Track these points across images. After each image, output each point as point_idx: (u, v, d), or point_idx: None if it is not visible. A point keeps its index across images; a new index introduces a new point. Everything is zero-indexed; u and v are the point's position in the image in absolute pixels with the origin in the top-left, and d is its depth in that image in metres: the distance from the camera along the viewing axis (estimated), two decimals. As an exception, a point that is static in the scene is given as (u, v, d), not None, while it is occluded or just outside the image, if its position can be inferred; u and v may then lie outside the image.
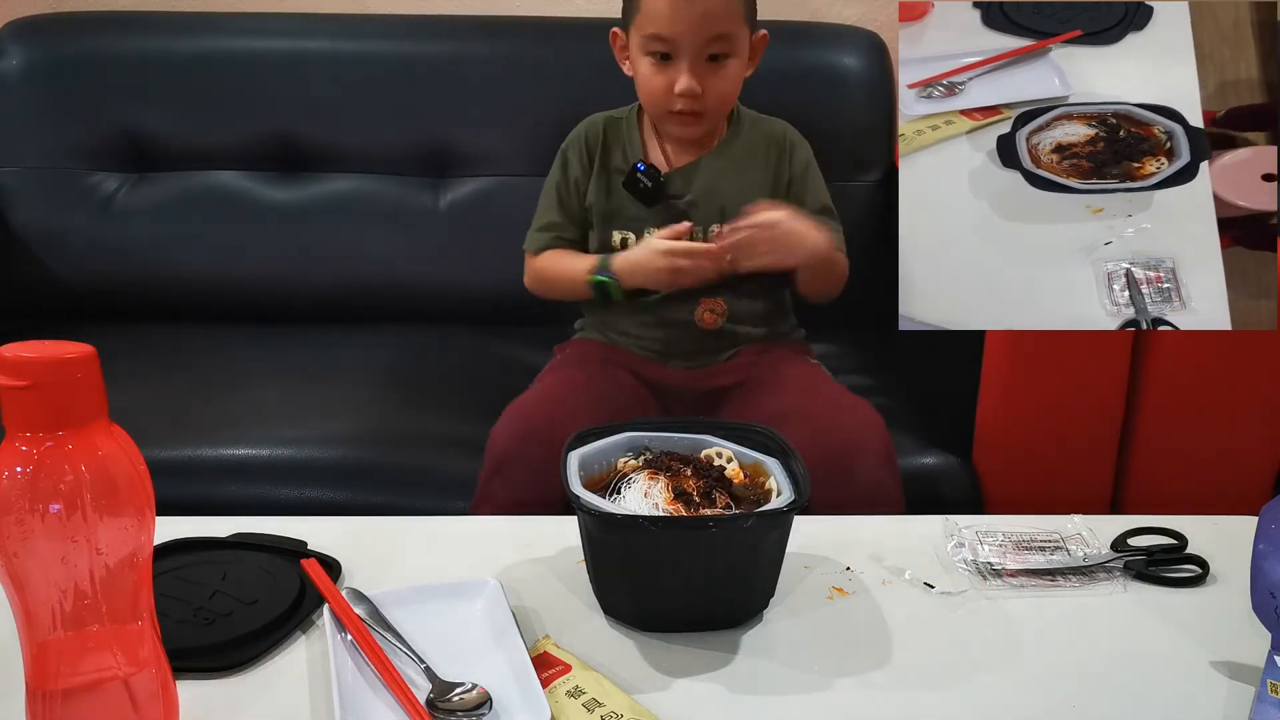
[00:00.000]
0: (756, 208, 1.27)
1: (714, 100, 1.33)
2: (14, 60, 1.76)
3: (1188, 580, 0.92)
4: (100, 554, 0.62)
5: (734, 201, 1.33)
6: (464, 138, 1.79)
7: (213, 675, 0.77)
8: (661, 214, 1.38)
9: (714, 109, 1.34)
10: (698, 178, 1.39)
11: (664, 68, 1.31)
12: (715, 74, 1.31)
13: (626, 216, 1.40)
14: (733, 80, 1.34)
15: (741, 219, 1.26)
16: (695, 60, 1.29)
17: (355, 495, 1.35)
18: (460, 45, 1.81)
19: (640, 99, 1.38)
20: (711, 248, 1.28)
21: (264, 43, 1.80)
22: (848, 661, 0.81)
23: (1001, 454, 1.42)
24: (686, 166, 1.40)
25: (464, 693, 0.74)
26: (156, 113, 1.78)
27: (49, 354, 0.60)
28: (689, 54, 1.29)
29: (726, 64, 1.32)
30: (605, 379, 1.36)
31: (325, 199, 1.80)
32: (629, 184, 1.37)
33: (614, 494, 0.86)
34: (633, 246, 1.37)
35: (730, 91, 1.35)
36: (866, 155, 1.81)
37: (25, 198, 1.77)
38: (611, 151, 1.42)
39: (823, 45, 1.83)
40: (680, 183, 1.39)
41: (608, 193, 1.41)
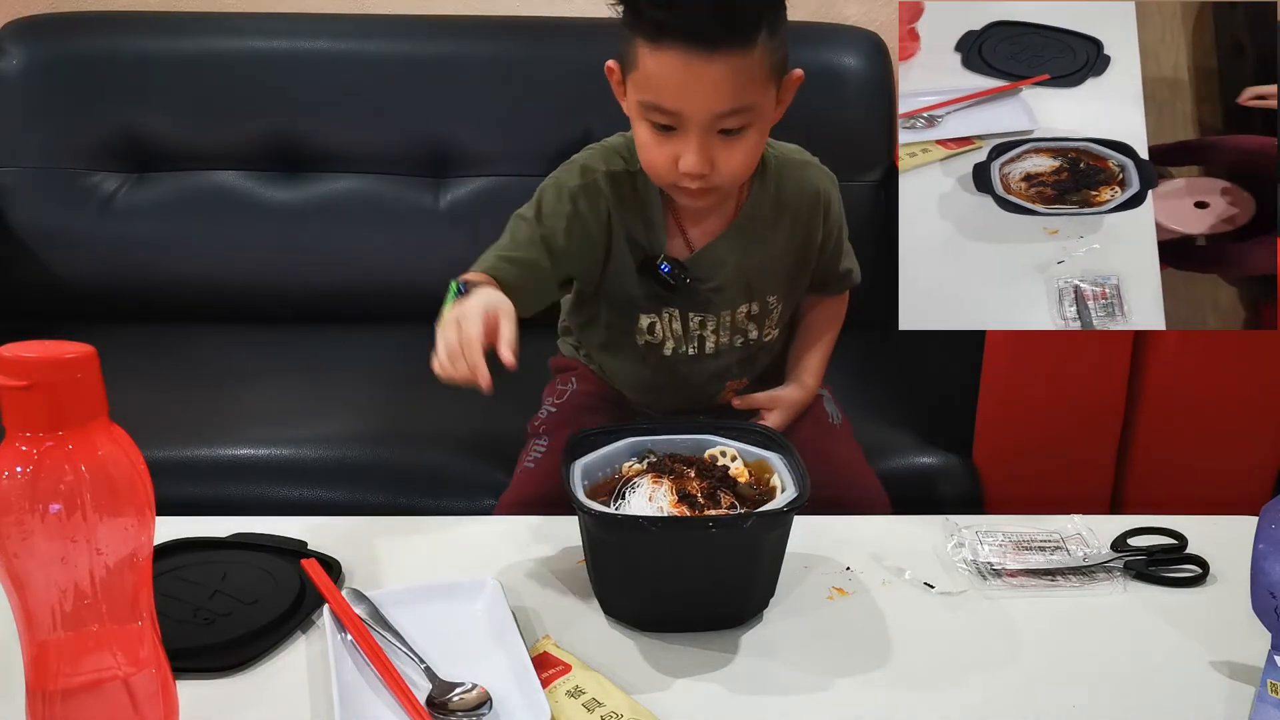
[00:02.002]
0: (767, 401, 1.24)
1: (727, 176, 1.07)
2: (14, 60, 1.76)
3: (1188, 580, 0.93)
4: (100, 554, 0.62)
5: (761, 277, 1.19)
6: (464, 138, 1.79)
7: (212, 675, 0.77)
8: (684, 299, 1.18)
9: (728, 183, 1.10)
10: (723, 260, 1.17)
11: (667, 139, 1.05)
12: (729, 148, 1.05)
13: (647, 298, 1.18)
14: (751, 151, 1.08)
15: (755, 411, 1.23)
16: (704, 135, 1.03)
17: (355, 495, 1.35)
18: (460, 45, 1.81)
19: (641, 164, 1.11)
20: (477, 378, 0.89)
21: (264, 43, 1.80)
22: (848, 661, 0.81)
23: (1001, 454, 1.42)
24: (710, 246, 1.17)
25: (464, 693, 0.74)
26: (156, 113, 1.78)
27: (49, 354, 0.60)
28: (696, 130, 1.03)
29: (744, 135, 1.05)
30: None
31: (325, 199, 1.80)
32: (647, 271, 1.16)
33: (619, 500, 0.86)
34: (473, 306, 0.96)
35: (747, 163, 1.09)
36: (866, 155, 1.81)
37: (25, 198, 1.77)
38: (629, 221, 1.16)
39: (823, 45, 1.83)
40: (702, 268, 1.17)
41: (628, 270, 1.17)
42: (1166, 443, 1.44)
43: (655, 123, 1.05)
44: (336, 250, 1.79)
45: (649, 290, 1.17)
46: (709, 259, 1.17)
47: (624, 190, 1.15)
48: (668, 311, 1.19)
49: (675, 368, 1.22)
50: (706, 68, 0.99)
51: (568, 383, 1.31)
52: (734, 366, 1.24)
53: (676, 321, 1.19)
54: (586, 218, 1.14)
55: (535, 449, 1.25)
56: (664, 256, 1.15)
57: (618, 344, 1.24)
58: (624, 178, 1.15)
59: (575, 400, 1.29)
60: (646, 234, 1.16)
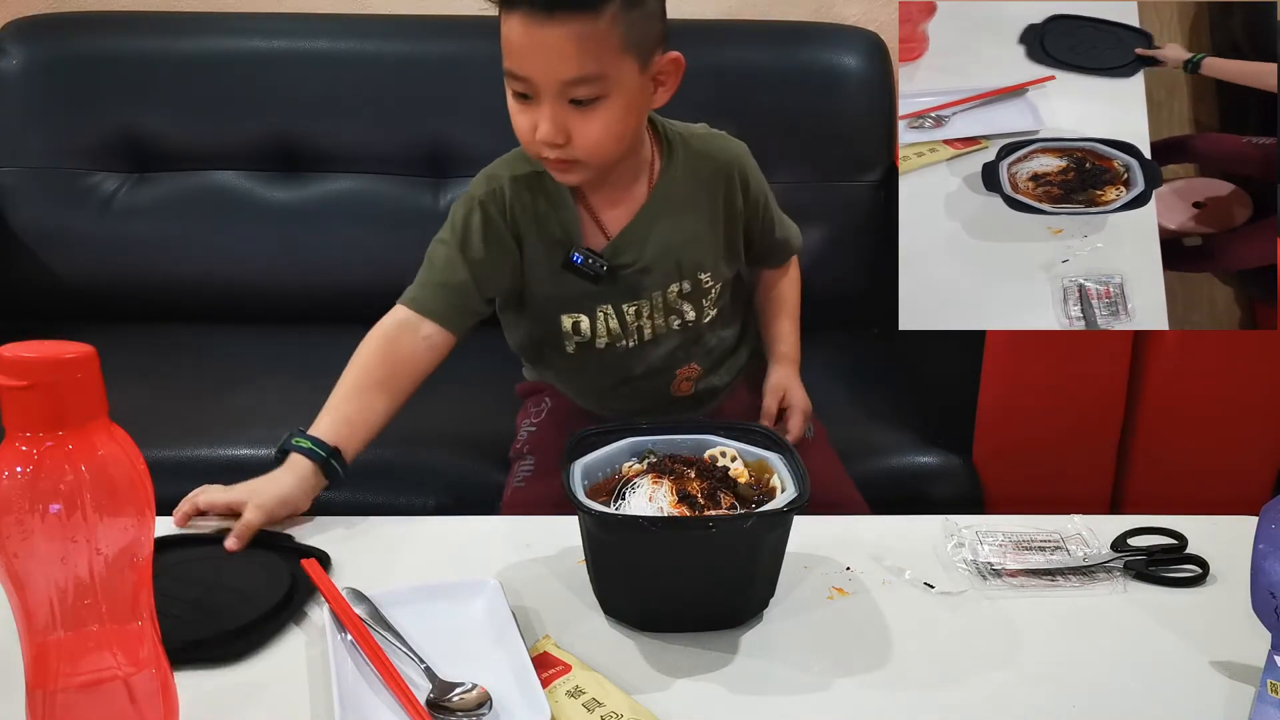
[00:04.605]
0: (772, 401, 1.26)
1: (584, 149, 1.06)
2: (14, 60, 1.76)
3: (1188, 580, 0.93)
4: (100, 554, 0.62)
5: (690, 252, 1.18)
6: (464, 138, 1.79)
7: (205, 667, 0.77)
8: (614, 289, 1.17)
9: (588, 158, 1.08)
10: (645, 237, 1.17)
11: (526, 107, 1.06)
12: (583, 119, 1.05)
13: (575, 297, 1.18)
14: (608, 124, 1.06)
15: (782, 414, 1.25)
16: (555, 103, 1.04)
17: (355, 495, 1.34)
18: (460, 45, 1.81)
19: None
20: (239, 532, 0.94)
21: (264, 43, 1.80)
22: (848, 661, 0.81)
23: (1001, 454, 1.42)
24: (628, 229, 1.17)
25: (464, 693, 0.74)
26: (156, 113, 1.78)
27: (49, 354, 0.60)
28: (548, 96, 1.04)
29: (596, 107, 1.05)
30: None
31: (325, 199, 1.80)
32: (568, 267, 1.16)
33: (619, 500, 0.86)
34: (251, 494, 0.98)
35: (607, 137, 1.07)
36: (866, 155, 1.81)
37: (25, 198, 1.77)
38: (546, 220, 1.16)
39: (823, 45, 1.82)
40: (627, 251, 1.16)
41: (550, 272, 1.16)
42: (1166, 443, 1.44)
43: (515, 91, 1.07)
44: (336, 250, 1.79)
45: (579, 290, 1.17)
46: (629, 241, 1.17)
47: (534, 191, 1.16)
48: (601, 310, 1.18)
49: (619, 364, 1.22)
50: (547, 32, 1.01)
51: (540, 403, 1.32)
52: (678, 352, 1.23)
53: (613, 318, 1.19)
54: (496, 222, 1.15)
55: (521, 470, 1.25)
56: (575, 248, 1.15)
57: (554, 353, 1.23)
58: (533, 179, 1.16)
59: (555, 415, 1.29)
60: (563, 231, 1.16)
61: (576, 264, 1.14)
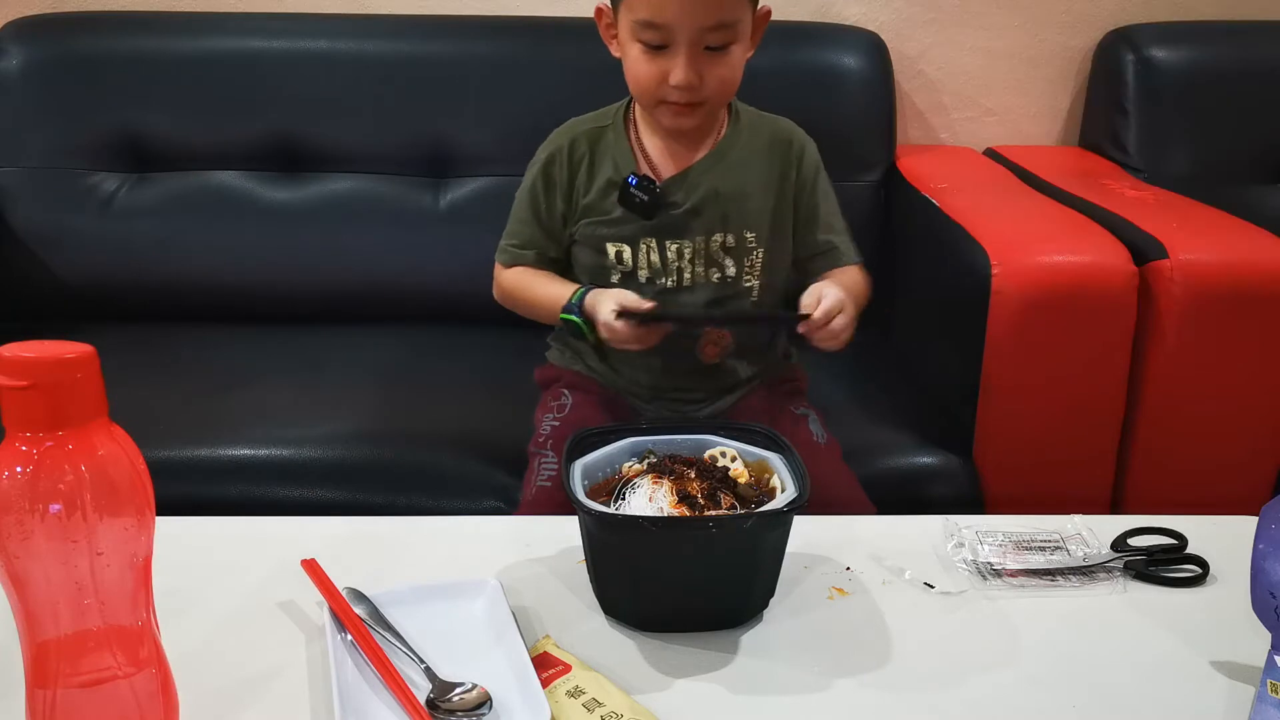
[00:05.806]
0: (814, 298, 1.16)
1: (714, 90, 1.19)
2: (14, 60, 1.76)
3: (1188, 580, 0.92)
4: (100, 554, 0.62)
5: (737, 208, 1.25)
6: (464, 138, 1.79)
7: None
8: (661, 226, 1.25)
9: (714, 99, 1.21)
10: (697, 184, 1.26)
11: (657, 56, 1.17)
12: (715, 63, 1.17)
13: (622, 229, 1.26)
14: (734, 67, 1.19)
15: (812, 316, 1.15)
16: (693, 50, 1.15)
17: (355, 495, 1.35)
18: (460, 45, 1.81)
19: (629, 85, 1.23)
20: (649, 335, 1.16)
21: (264, 43, 1.80)
22: (848, 661, 0.81)
23: (1001, 454, 1.42)
24: (684, 172, 1.27)
25: (464, 693, 0.74)
26: (156, 113, 1.78)
27: (49, 354, 0.60)
28: (686, 43, 1.15)
29: (729, 51, 1.17)
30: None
31: (325, 199, 1.80)
32: (623, 199, 1.24)
33: (619, 500, 0.86)
34: (600, 299, 1.18)
35: (732, 79, 1.20)
36: (866, 155, 1.81)
37: (25, 198, 1.77)
38: (600, 163, 1.28)
39: (823, 45, 1.83)
40: (678, 191, 1.26)
41: (600, 207, 1.27)
42: (1166, 443, 1.44)
43: (646, 42, 1.17)
44: (336, 250, 1.79)
45: (629, 223, 1.25)
46: (684, 182, 1.26)
47: (603, 135, 1.29)
48: (645, 242, 1.26)
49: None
50: None
51: (560, 396, 1.32)
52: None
53: (655, 252, 1.26)
54: (567, 163, 1.28)
55: (546, 467, 1.25)
56: (633, 173, 1.25)
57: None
58: (595, 133, 1.29)
59: (578, 410, 1.30)
60: (621, 162, 1.27)
61: (631, 185, 1.24)
